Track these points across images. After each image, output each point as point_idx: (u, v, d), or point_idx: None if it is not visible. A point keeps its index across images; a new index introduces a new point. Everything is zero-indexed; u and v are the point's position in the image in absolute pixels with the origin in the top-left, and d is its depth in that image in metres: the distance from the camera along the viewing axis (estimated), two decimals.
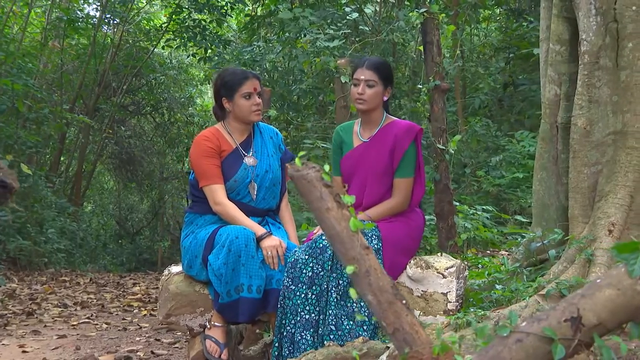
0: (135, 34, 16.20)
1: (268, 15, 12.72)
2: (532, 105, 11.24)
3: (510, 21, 12.77)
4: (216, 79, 4.58)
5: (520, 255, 4.92)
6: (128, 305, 8.35)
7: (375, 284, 2.10)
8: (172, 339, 6.17)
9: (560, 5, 4.71)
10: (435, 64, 5.86)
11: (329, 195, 2.11)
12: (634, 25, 4.22)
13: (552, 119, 4.79)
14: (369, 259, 2.10)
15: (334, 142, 4.66)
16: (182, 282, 4.50)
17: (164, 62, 17.18)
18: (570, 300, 1.98)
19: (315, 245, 4.13)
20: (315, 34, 9.75)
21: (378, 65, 4.40)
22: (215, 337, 4.30)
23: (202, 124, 18.65)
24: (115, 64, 15.32)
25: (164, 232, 19.51)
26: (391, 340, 2.11)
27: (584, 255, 4.08)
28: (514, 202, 9.13)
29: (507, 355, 1.95)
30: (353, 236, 2.10)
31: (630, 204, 4.16)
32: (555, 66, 4.77)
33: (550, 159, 4.83)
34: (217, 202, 4.37)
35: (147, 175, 18.77)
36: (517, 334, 1.97)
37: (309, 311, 4.07)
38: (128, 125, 18.06)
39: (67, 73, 14.81)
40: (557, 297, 3.93)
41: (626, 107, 4.23)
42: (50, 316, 7.40)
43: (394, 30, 10.66)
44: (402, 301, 2.10)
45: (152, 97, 17.46)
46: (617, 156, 4.24)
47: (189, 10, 13.95)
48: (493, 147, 10.81)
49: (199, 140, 4.49)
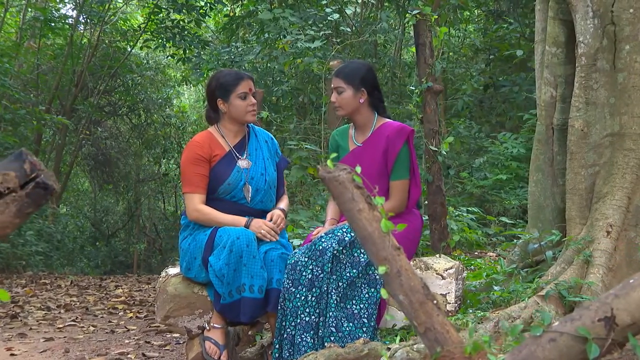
0: (112, 34, 16.08)
1: (247, 15, 12.67)
2: (513, 107, 11.31)
3: (489, 22, 12.84)
4: (210, 81, 4.58)
5: (516, 256, 4.95)
6: (113, 307, 8.29)
7: (407, 284, 2.10)
8: (162, 341, 6.13)
9: (557, 8, 4.74)
10: (428, 66, 5.88)
11: (361, 196, 2.11)
12: (631, 28, 4.27)
13: (547, 120, 4.83)
14: (400, 259, 2.11)
15: (331, 146, 4.68)
16: (180, 284, 4.48)
17: (141, 63, 17.07)
18: (604, 300, 2.00)
19: (314, 248, 4.14)
20: (296, 35, 9.74)
21: (344, 71, 4.46)
22: (215, 339, 4.29)
23: (179, 125, 18.57)
24: (92, 65, 15.19)
25: (140, 235, 19.38)
26: (422, 340, 2.12)
27: (582, 257, 4.12)
28: (497, 204, 9.18)
29: (541, 355, 1.96)
30: (384, 237, 2.11)
31: (627, 205, 4.20)
32: (551, 68, 4.80)
33: (546, 160, 4.86)
34: (195, 209, 4.39)
35: (123, 177, 18.64)
36: (550, 333, 1.98)
37: (309, 313, 4.07)
38: (104, 126, 17.93)
39: (42, 73, 14.67)
40: (556, 298, 3.96)
41: (623, 109, 4.28)
42: (35, 319, 7.33)
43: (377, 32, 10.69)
44: (433, 301, 2.11)
45: (129, 98, 17.34)
46: (615, 158, 4.28)
47: (167, 10, 13.86)
48: (475, 148, 10.86)
49: (190, 146, 4.51)
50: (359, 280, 4.14)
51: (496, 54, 12.21)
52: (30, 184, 1.84)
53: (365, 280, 4.15)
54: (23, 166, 1.83)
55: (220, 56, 11.82)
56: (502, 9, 12.69)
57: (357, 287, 4.13)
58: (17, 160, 1.85)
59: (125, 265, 17.97)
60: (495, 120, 12.15)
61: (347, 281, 4.10)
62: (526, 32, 11.81)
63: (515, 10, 12.07)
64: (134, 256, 18.11)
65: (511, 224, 8.26)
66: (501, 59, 12.18)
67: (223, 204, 4.43)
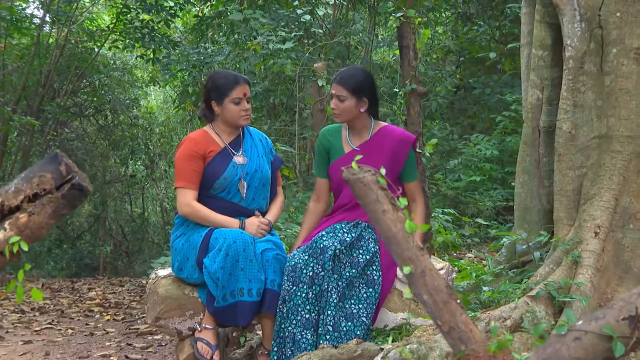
0: (78, 34, 15.89)
1: (217, 16, 12.62)
2: (484, 109, 11.39)
3: (459, 24, 12.92)
4: (207, 81, 4.57)
5: (502, 257, 5.00)
6: (88, 310, 8.22)
7: (431, 284, 2.12)
8: (144, 343, 6.11)
9: (543, 11, 4.80)
10: (412, 68, 5.91)
11: (385, 197, 2.13)
12: (618, 32, 4.34)
13: (534, 122, 4.89)
14: (424, 259, 2.12)
15: (320, 145, 4.67)
16: (171, 285, 4.46)
17: (108, 63, 16.89)
18: (628, 299, 2.03)
19: (315, 246, 4.17)
20: (267, 36, 9.72)
21: (347, 79, 4.45)
22: (207, 339, 4.28)
23: (147, 127, 18.41)
24: (60, 65, 15.01)
25: (106, 237, 19.18)
26: (446, 339, 2.14)
27: (571, 257, 4.17)
28: (471, 205, 9.24)
29: (566, 353, 1.99)
30: (408, 237, 2.12)
31: (615, 206, 4.27)
32: (537, 71, 4.86)
33: (532, 162, 4.92)
34: (187, 203, 4.38)
35: (90, 179, 18.34)
36: (574, 332, 2.01)
37: (309, 310, 4.10)
38: (71, 127, 17.73)
39: (8, 74, 14.47)
40: (546, 298, 4.01)
41: (610, 112, 4.34)
42: (10, 322, 7.25)
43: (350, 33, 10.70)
44: (456, 300, 2.13)
45: (96, 99, 17.16)
46: (602, 160, 4.35)
47: (136, 10, 13.74)
48: (448, 150, 10.92)
49: (186, 141, 4.50)
50: (357, 280, 4.16)
51: (466, 56, 12.28)
52: (65, 185, 1.84)
53: (364, 281, 4.18)
54: (59, 168, 1.83)
55: (189, 57, 11.74)
56: (471, 12, 12.76)
57: (356, 287, 4.16)
58: (53, 163, 1.84)
59: (91, 267, 17.75)
60: (466, 122, 12.23)
61: (346, 281, 4.13)
62: (496, 35, 11.90)
63: (485, 13, 12.15)
64: (100, 259, 17.90)
65: (486, 225, 8.32)
66: (471, 61, 12.26)
67: (217, 202, 4.42)
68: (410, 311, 4.33)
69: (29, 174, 1.81)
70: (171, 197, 19.50)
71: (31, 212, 1.79)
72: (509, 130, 9.97)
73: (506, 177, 9.51)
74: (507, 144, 9.69)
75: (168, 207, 19.17)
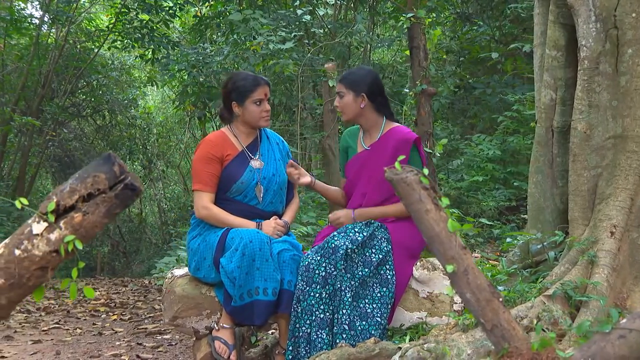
0: (77, 34, 15.87)
1: (216, 16, 12.62)
2: (485, 109, 11.41)
3: (459, 25, 12.93)
4: (227, 82, 4.57)
5: (515, 257, 5.01)
6: (94, 310, 8.22)
7: (474, 283, 2.13)
8: (154, 342, 6.12)
9: (557, 12, 4.81)
10: (422, 69, 5.93)
11: (428, 197, 2.14)
12: (634, 32, 4.35)
13: (547, 123, 4.90)
14: (466, 258, 2.14)
15: (341, 146, 4.76)
16: (188, 284, 4.47)
17: (106, 64, 16.87)
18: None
19: (327, 246, 4.17)
20: (267, 37, 9.72)
21: (346, 76, 4.55)
22: (224, 339, 4.29)
23: (145, 127, 18.39)
24: (59, 66, 14.98)
25: (103, 237, 19.15)
26: (488, 337, 2.15)
27: (586, 257, 4.17)
28: (474, 205, 9.25)
29: (611, 351, 2.00)
30: (451, 236, 2.14)
31: (630, 206, 4.28)
32: (551, 71, 4.87)
33: (545, 162, 4.93)
34: (204, 206, 4.40)
35: None
36: (619, 330, 2.03)
37: (324, 310, 4.10)
38: (69, 127, 17.70)
39: (7, 74, 14.45)
40: (563, 297, 4.01)
41: (626, 112, 4.36)
42: (17, 322, 7.25)
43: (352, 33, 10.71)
44: (499, 299, 2.14)
45: (94, 99, 17.13)
46: (617, 160, 4.36)
47: (135, 10, 13.73)
48: (450, 150, 10.93)
49: (204, 144, 4.51)
50: (370, 280, 4.17)
51: (466, 57, 12.31)
52: (118, 185, 1.85)
53: (377, 280, 4.19)
54: (112, 168, 1.85)
55: (188, 57, 11.74)
56: (470, 12, 12.79)
57: (369, 287, 4.17)
58: (107, 163, 1.86)
59: (89, 268, 17.72)
60: (467, 122, 12.25)
61: (359, 280, 4.13)
62: (496, 35, 11.92)
63: (485, 13, 12.17)
64: (97, 259, 17.88)
65: (489, 226, 8.33)
66: (471, 61, 12.29)
67: (234, 205, 4.43)
68: (426, 310, 4.35)
69: (83, 174, 1.83)
70: (169, 198, 19.50)
71: (85, 212, 1.81)
72: (510, 130, 9.98)
73: (508, 177, 9.53)
74: (509, 144, 9.70)
75: (165, 207, 19.17)
